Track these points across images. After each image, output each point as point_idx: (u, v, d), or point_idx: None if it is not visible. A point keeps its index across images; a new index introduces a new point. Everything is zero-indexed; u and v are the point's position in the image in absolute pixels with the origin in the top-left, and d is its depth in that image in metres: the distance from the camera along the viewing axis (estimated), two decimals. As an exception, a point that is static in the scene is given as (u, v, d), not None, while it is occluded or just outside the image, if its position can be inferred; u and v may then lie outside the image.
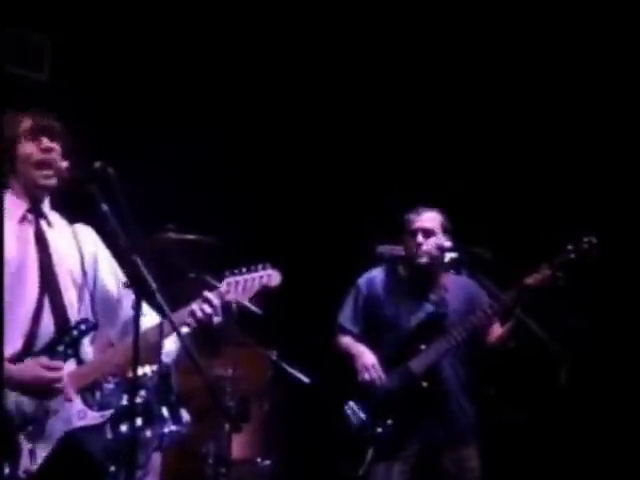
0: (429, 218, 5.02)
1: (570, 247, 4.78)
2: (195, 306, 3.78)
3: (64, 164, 3.79)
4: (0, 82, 5.73)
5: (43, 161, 3.79)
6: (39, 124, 3.84)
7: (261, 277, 3.91)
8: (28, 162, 3.79)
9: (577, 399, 5.62)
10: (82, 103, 6.08)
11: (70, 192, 3.83)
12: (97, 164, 3.58)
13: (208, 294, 3.78)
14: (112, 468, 4.50)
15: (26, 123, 3.83)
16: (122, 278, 3.94)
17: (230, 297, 3.88)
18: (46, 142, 3.80)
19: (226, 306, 3.88)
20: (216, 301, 3.81)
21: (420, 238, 4.97)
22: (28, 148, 3.80)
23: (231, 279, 3.90)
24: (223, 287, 3.89)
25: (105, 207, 3.53)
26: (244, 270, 3.90)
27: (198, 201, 6.53)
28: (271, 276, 3.92)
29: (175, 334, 3.64)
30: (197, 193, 6.65)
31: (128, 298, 3.85)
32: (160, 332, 3.69)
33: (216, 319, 3.78)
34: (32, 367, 3.66)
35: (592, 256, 4.75)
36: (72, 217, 3.99)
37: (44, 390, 3.66)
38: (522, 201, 6.47)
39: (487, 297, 4.94)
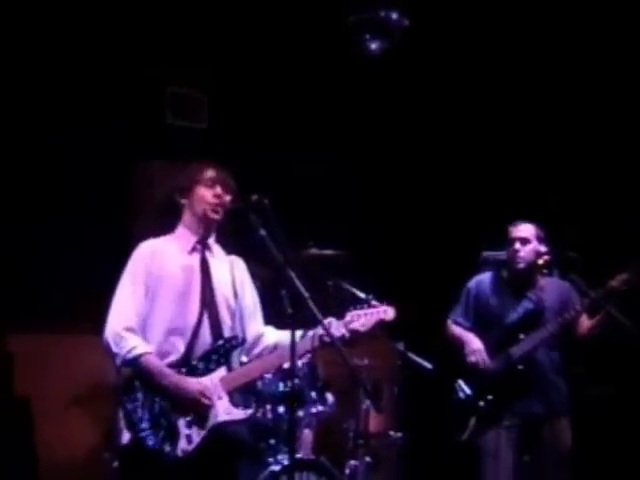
0: (524, 229, 5.40)
1: None
2: (321, 331, 4.06)
3: (228, 197, 4.19)
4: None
5: (214, 204, 4.21)
6: (218, 176, 4.23)
7: (378, 312, 4.22)
8: (202, 201, 4.21)
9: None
10: (236, 146, 6.71)
11: (233, 221, 4.18)
12: (254, 197, 3.99)
13: (335, 322, 4.14)
14: (272, 441, 5.38)
15: (208, 173, 4.23)
16: (257, 301, 4.39)
17: (353, 326, 4.19)
18: (219, 190, 4.19)
19: (349, 334, 4.19)
20: (341, 329, 4.15)
21: (517, 246, 5.35)
22: (205, 192, 4.21)
23: (354, 312, 4.20)
24: (348, 318, 4.19)
25: (262, 232, 3.92)
26: (365, 306, 4.22)
27: (335, 223, 6.92)
28: (387, 311, 4.23)
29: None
30: (334, 216, 7.10)
31: (257, 319, 4.38)
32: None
33: (341, 340, 4.09)
34: (196, 386, 4.07)
35: None
36: (235, 240, 4.32)
37: (193, 405, 4.05)
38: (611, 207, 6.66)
39: (578, 295, 5.30)
